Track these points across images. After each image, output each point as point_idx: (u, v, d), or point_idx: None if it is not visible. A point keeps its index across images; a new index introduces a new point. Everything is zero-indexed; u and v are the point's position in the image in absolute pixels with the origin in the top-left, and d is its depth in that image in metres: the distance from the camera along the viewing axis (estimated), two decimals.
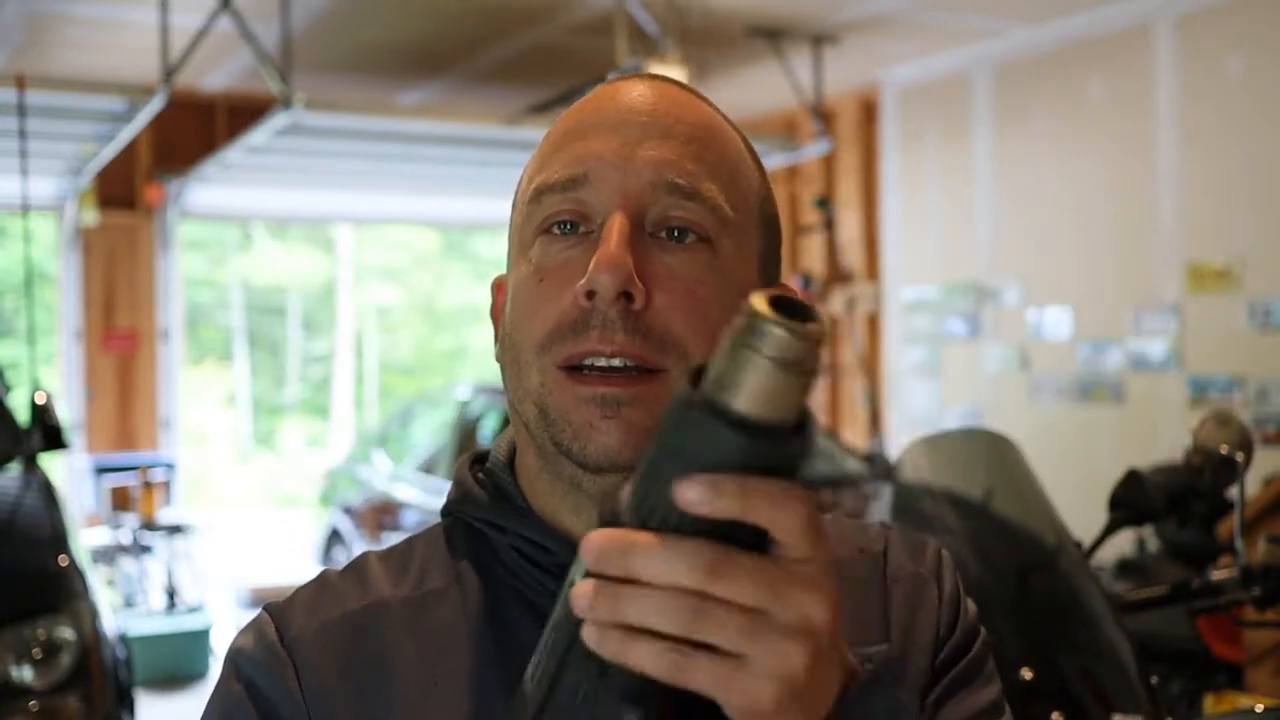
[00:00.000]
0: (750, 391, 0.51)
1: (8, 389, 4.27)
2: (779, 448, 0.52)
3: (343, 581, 0.81)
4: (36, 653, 2.98)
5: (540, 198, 0.77)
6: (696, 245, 0.75)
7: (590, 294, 0.72)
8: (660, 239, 0.75)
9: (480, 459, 0.86)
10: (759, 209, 0.81)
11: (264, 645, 0.77)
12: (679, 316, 0.73)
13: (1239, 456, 1.69)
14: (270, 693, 0.75)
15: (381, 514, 6.40)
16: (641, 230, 0.75)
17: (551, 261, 0.76)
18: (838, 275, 7.64)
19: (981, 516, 1.88)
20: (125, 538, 6.49)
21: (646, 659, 0.52)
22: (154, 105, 5.44)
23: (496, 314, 0.84)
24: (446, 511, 0.84)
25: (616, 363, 0.73)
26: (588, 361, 0.73)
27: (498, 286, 0.85)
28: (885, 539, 0.89)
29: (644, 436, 0.71)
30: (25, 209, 4.91)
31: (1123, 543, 4.47)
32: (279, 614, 0.79)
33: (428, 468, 6.43)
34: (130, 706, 3.25)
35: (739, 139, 0.82)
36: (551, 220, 0.76)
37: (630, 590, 0.52)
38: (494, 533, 0.80)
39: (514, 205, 0.82)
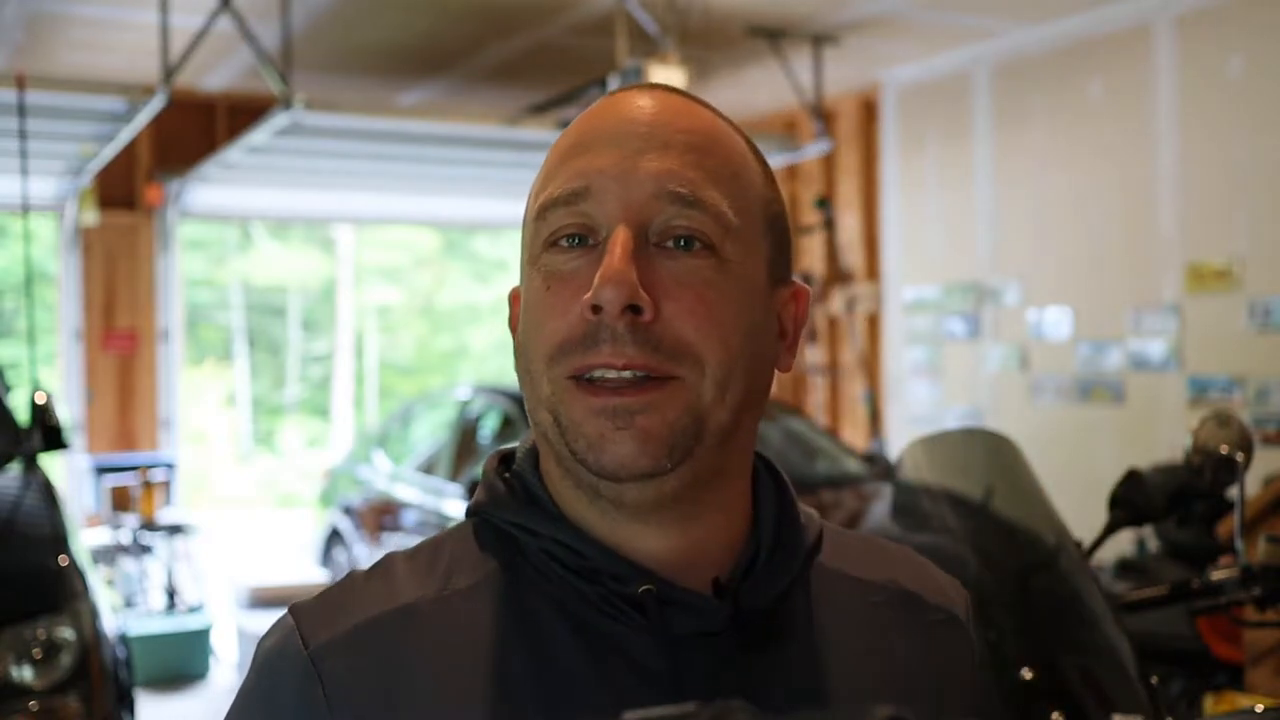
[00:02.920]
0: None
1: (8, 389, 4.27)
2: None
3: (369, 584, 0.80)
4: (36, 653, 2.98)
5: (545, 213, 0.78)
6: (701, 252, 0.76)
7: (596, 308, 0.73)
8: (666, 248, 0.76)
9: (506, 458, 0.86)
10: (764, 211, 0.81)
11: (291, 654, 0.77)
12: (690, 323, 0.74)
13: (1239, 456, 1.69)
14: (295, 703, 0.76)
15: (382, 514, 6.40)
16: (646, 242, 0.75)
17: (558, 273, 0.77)
18: (838, 275, 7.64)
19: (981, 516, 1.88)
20: (125, 538, 6.49)
21: None
22: (154, 105, 5.44)
23: (514, 325, 0.85)
24: (475, 511, 0.84)
25: (627, 375, 0.73)
26: (598, 374, 0.74)
27: (514, 299, 0.85)
28: (916, 570, 0.90)
29: (658, 443, 0.73)
30: (25, 209, 4.91)
31: (1123, 543, 4.47)
32: (305, 619, 0.78)
33: (428, 468, 6.43)
34: (130, 706, 3.25)
35: (742, 142, 0.82)
36: (558, 234, 0.77)
37: None
38: (525, 536, 0.80)
39: (524, 219, 0.83)
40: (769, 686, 0.78)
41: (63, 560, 3.21)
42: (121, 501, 6.74)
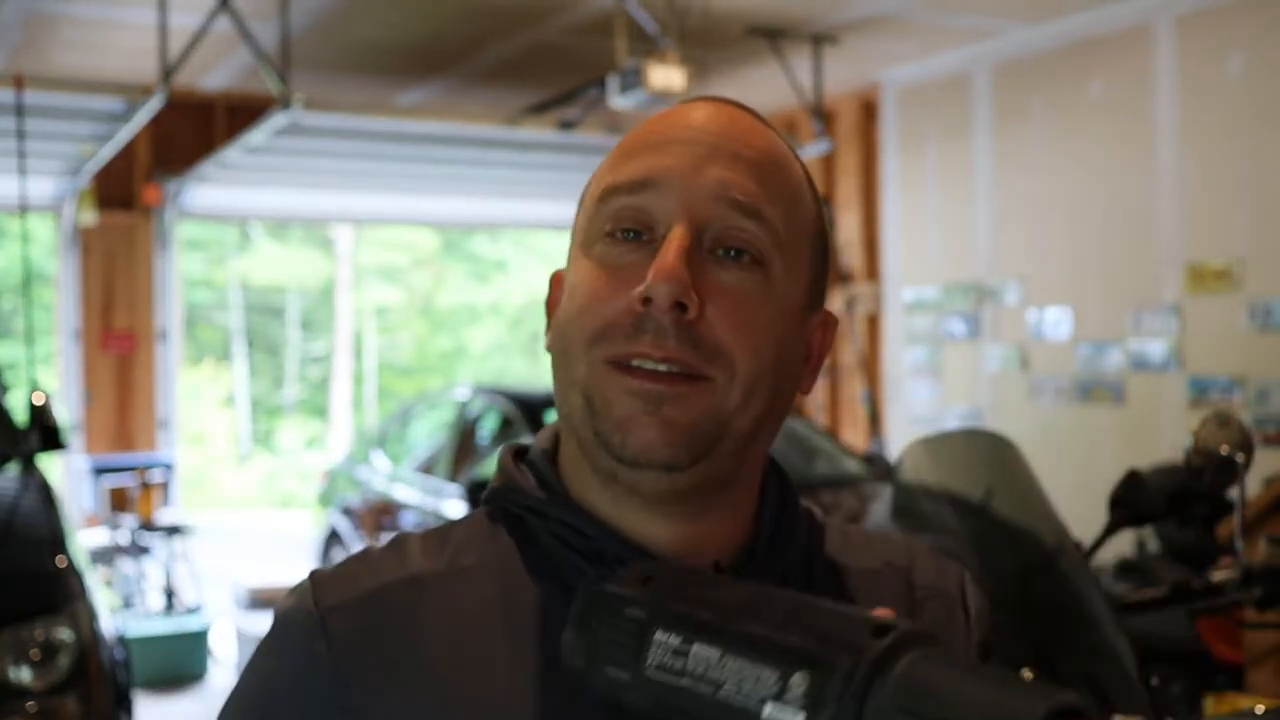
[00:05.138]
0: None
1: (6, 389, 4.26)
2: None
3: (383, 556, 0.85)
4: (35, 654, 2.97)
5: (608, 197, 0.81)
6: (750, 265, 0.79)
7: (646, 300, 0.76)
8: (717, 255, 0.79)
9: (521, 452, 0.89)
10: (812, 238, 0.85)
11: (303, 612, 0.81)
12: (728, 330, 0.77)
13: (1239, 457, 1.68)
14: (300, 656, 0.80)
15: (381, 514, 6.40)
16: (700, 245, 0.78)
17: (612, 261, 0.80)
18: (838, 275, 7.64)
19: (981, 516, 1.87)
20: (124, 538, 6.48)
21: None
22: (153, 105, 5.44)
23: (552, 306, 0.87)
24: (489, 499, 0.88)
25: (663, 367, 0.76)
26: (636, 362, 0.77)
27: (556, 281, 0.88)
28: (911, 554, 0.92)
29: (679, 435, 0.76)
30: (24, 209, 4.91)
31: (1123, 543, 4.46)
32: (321, 582, 0.83)
33: (427, 468, 6.42)
34: (128, 707, 3.24)
35: (800, 170, 0.86)
36: (616, 225, 0.80)
37: None
38: (534, 519, 0.84)
39: (580, 206, 0.86)
40: None
41: (61, 561, 3.21)
42: (120, 502, 6.74)
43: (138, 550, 6.45)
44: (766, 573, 0.82)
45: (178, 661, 5.86)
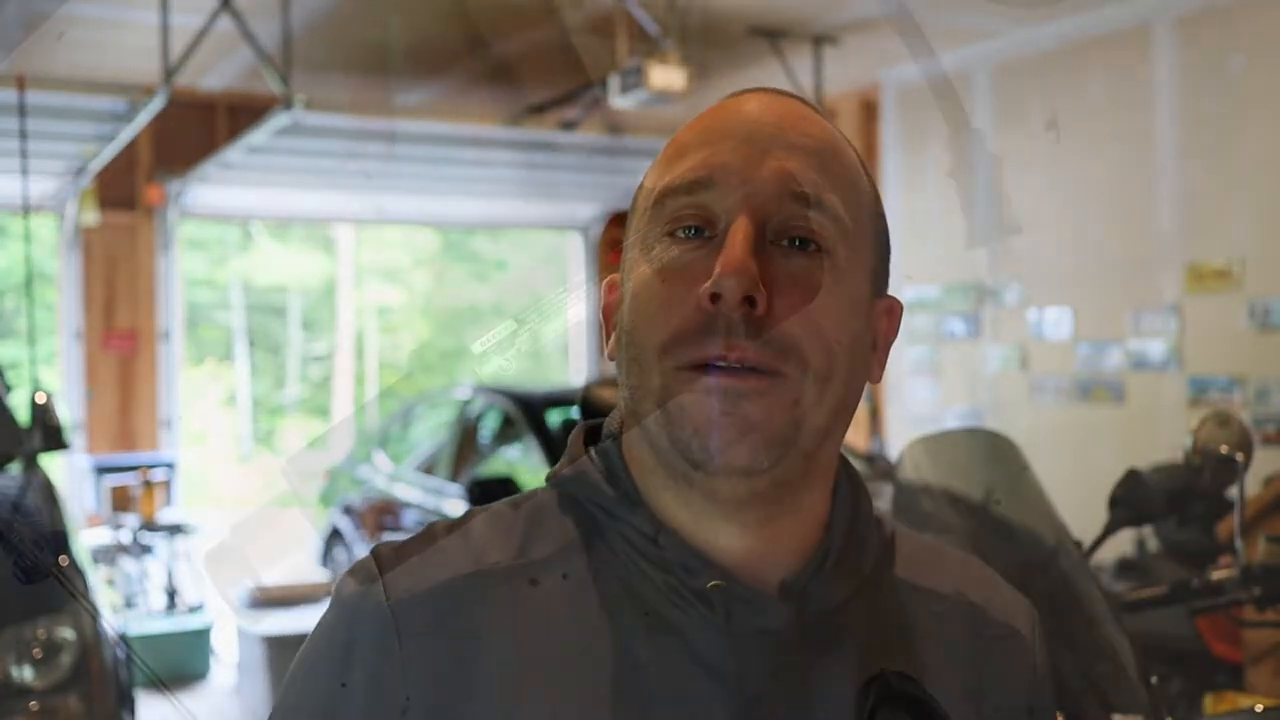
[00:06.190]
0: None
1: (8, 389, 4.26)
2: None
3: (450, 542, 0.82)
4: (36, 653, 2.97)
5: (664, 200, 0.79)
6: (816, 254, 0.77)
7: (714, 297, 0.74)
8: (781, 246, 0.77)
9: (593, 434, 0.87)
10: (872, 224, 0.83)
11: (373, 603, 0.78)
12: (799, 322, 0.75)
13: (1239, 456, 1.69)
14: (371, 652, 0.77)
15: (382, 514, 6.40)
16: (764, 237, 0.76)
17: (674, 263, 0.77)
18: None
19: (981, 516, 1.87)
20: (125, 538, 6.48)
21: None
22: (154, 105, 5.45)
23: (608, 313, 0.86)
24: (559, 483, 0.85)
25: (738, 366, 0.75)
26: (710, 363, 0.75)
27: (610, 287, 0.86)
28: (985, 587, 0.90)
29: (758, 435, 0.74)
30: (25, 209, 4.92)
31: (1123, 543, 4.47)
32: (389, 569, 0.80)
33: (428, 467, 6.43)
34: (130, 706, 3.25)
35: (855, 157, 0.84)
36: (676, 225, 0.78)
37: None
38: (603, 516, 0.81)
39: (633, 209, 0.84)
40: (826, 688, 0.79)
41: (63, 560, 3.21)
42: (121, 501, 6.73)
43: (139, 549, 6.45)
44: (833, 591, 0.80)
45: (179, 660, 5.86)
